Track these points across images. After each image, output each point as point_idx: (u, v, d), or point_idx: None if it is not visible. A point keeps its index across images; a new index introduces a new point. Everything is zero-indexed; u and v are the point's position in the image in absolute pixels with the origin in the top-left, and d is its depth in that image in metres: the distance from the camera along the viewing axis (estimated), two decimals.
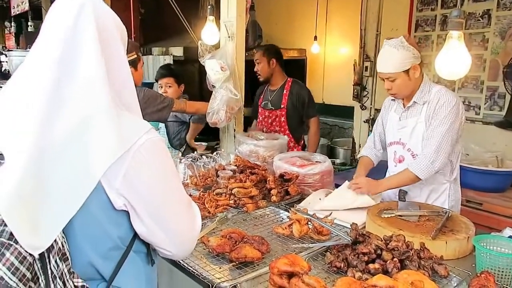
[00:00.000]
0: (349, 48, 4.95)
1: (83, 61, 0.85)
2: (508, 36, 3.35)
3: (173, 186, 0.95)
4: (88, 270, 0.89)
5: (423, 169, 1.95)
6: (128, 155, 0.84)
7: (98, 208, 0.85)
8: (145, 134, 0.87)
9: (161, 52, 4.72)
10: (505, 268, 1.32)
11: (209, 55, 2.80)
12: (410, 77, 1.98)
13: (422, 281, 1.18)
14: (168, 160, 0.95)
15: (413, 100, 2.06)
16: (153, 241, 0.95)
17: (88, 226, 0.85)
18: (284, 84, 3.31)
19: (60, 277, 0.80)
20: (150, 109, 2.69)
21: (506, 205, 2.83)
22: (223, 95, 2.79)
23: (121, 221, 0.89)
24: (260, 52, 3.30)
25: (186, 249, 1.00)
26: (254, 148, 2.74)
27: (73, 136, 0.82)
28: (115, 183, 0.84)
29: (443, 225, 1.68)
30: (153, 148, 0.88)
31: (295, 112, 3.27)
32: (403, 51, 1.93)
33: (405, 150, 2.13)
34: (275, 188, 2.17)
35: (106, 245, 0.89)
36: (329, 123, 5.34)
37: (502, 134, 3.36)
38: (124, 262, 0.92)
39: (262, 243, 1.53)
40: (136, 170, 0.85)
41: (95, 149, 0.82)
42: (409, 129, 2.09)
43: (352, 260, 1.40)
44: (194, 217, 1.02)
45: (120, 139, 0.84)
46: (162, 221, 0.92)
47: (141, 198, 0.87)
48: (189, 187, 2.27)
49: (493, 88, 3.47)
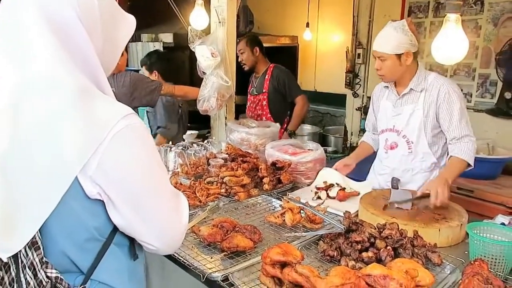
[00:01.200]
0: (342, 35, 4.90)
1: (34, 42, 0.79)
2: (500, 23, 3.33)
3: (153, 175, 0.88)
4: (63, 261, 0.84)
5: (472, 154, 1.95)
6: (103, 142, 0.78)
7: (71, 197, 0.79)
8: (122, 119, 0.80)
9: (151, 38, 4.62)
10: (499, 255, 1.31)
11: (199, 41, 2.74)
12: (401, 62, 1.97)
13: (416, 269, 1.17)
14: (149, 148, 0.87)
15: (410, 87, 2.06)
16: (134, 234, 0.90)
17: (62, 217, 0.80)
18: (266, 70, 3.45)
19: (29, 266, 0.76)
20: (138, 93, 2.65)
21: (497, 192, 2.84)
22: (214, 82, 2.73)
23: (97, 211, 0.84)
24: (243, 42, 3.41)
25: (170, 243, 0.94)
26: (245, 136, 2.70)
27: (42, 132, 0.77)
28: (88, 172, 0.78)
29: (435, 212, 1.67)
30: (131, 136, 0.82)
31: (276, 96, 3.40)
32: (401, 35, 1.93)
33: (399, 137, 2.13)
34: (267, 177, 2.14)
35: (82, 235, 0.83)
36: (321, 111, 5.32)
37: (494, 122, 3.37)
38: (104, 255, 0.87)
39: (254, 232, 1.50)
40: (111, 157, 0.79)
41: (68, 144, 0.76)
42: (405, 116, 2.09)
43: (346, 248, 1.38)
44: (180, 209, 0.95)
45: (94, 128, 0.78)
46: (141, 212, 0.86)
47: (116, 187, 0.81)
48: (179, 176, 2.23)
49: (485, 75, 3.46)
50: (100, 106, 0.81)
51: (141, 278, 1.01)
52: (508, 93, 3.21)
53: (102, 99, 0.83)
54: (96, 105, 0.80)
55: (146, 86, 2.67)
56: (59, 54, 0.79)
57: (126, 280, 0.93)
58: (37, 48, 0.79)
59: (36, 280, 0.78)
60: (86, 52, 0.84)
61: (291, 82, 3.43)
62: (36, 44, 0.79)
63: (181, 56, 4.63)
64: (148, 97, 2.68)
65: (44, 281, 0.79)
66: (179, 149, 2.48)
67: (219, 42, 2.79)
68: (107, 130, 0.78)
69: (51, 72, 0.78)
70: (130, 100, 2.61)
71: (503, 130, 3.31)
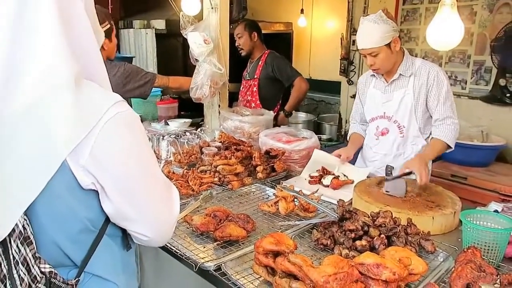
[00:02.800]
0: (336, 21, 4.85)
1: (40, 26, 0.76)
2: (496, 9, 3.30)
3: (146, 163, 0.87)
4: (56, 255, 0.82)
5: (454, 136, 2.03)
6: (94, 130, 0.76)
7: (64, 188, 0.78)
8: (113, 106, 0.79)
9: (143, 25, 4.53)
10: (492, 242, 1.31)
11: (191, 28, 2.69)
12: (392, 50, 2.01)
13: (410, 257, 1.17)
14: (140, 136, 0.86)
15: (399, 73, 2.09)
16: (126, 224, 0.88)
17: (53, 207, 0.78)
18: (261, 56, 3.40)
19: (22, 262, 0.74)
20: (131, 85, 2.60)
21: (490, 179, 2.86)
22: (207, 69, 2.69)
23: (90, 202, 0.82)
24: (242, 26, 3.36)
25: (162, 233, 0.93)
26: (239, 124, 2.68)
27: (31, 115, 0.74)
28: (81, 160, 0.77)
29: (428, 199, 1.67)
30: (123, 123, 0.80)
31: (267, 83, 3.36)
32: (384, 25, 1.95)
33: (391, 122, 2.16)
34: (261, 165, 2.13)
35: (75, 227, 0.82)
36: (316, 98, 5.29)
37: (488, 109, 3.36)
38: (97, 247, 0.86)
39: (247, 221, 1.49)
40: (103, 146, 0.78)
41: (57, 127, 0.74)
42: (395, 101, 2.12)
43: (339, 237, 1.38)
44: (171, 200, 0.94)
45: (85, 114, 0.76)
46: (134, 201, 0.85)
47: (109, 175, 0.80)
48: (172, 165, 2.20)
49: (480, 62, 3.44)
50: (91, 94, 0.80)
51: (133, 269, 1.00)
52: (502, 80, 3.20)
53: (93, 87, 0.82)
54: (87, 92, 0.79)
55: (140, 78, 2.62)
56: (60, 41, 0.77)
57: (119, 272, 0.93)
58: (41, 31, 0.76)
59: (30, 275, 0.76)
60: (87, 44, 0.84)
61: (285, 67, 3.36)
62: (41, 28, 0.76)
63: (174, 43, 4.56)
64: (141, 89, 2.63)
65: (38, 276, 0.78)
66: (172, 138, 2.45)
67: (212, 29, 2.74)
68: (98, 116, 0.77)
69: (47, 57, 0.76)
70: (123, 91, 2.57)
71: (497, 117, 3.31)
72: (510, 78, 3.21)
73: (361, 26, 2.02)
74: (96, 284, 0.88)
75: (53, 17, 0.77)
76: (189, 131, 2.71)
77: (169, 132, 2.79)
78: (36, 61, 0.76)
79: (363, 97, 2.30)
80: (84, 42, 0.83)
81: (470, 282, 1.09)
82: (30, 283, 0.76)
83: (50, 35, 0.77)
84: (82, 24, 0.83)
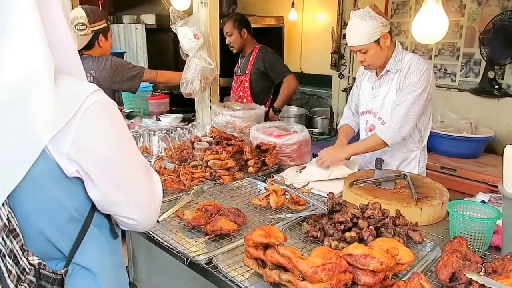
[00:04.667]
0: (327, 15, 4.85)
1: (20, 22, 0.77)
2: (484, 1, 3.32)
3: (128, 147, 0.90)
4: (44, 247, 0.83)
5: (390, 134, 1.97)
6: (75, 118, 0.78)
7: (48, 178, 0.78)
8: (91, 94, 0.80)
9: (132, 20, 4.50)
10: (477, 232, 1.34)
11: (181, 22, 2.68)
12: (381, 47, 1.98)
13: (397, 248, 1.19)
14: (119, 121, 0.88)
15: (386, 69, 2.06)
16: (113, 209, 0.90)
17: (38, 198, 0.79)
18: (252, 51, 3.38)
19: (9, 255, 0.75)
20: (119, 78, 2.59)
21: (479, 170, 2.90)
22: (197, 64, 2.69)
23: (75, 190, 0.84)
24: (230, 23, 3.32)
25: (149, 216, 0.95)
26: (230, 119, 2.68)
27: (11, 104, 0.75)
28: (63, 149, 0.78)
29: (416, 191, 1.69)
30: (102, 109, 0.82)
31: (259, 78, 3.35)
32: (371, 21, 1.91)
33: (376, 119, 2.15)
34: (252, 159, 2.14)
35: (62, 217, 0.83)
36: (307, 92, 5.30)
37: (477, 101, 3.40)
38: (84, 237, 0.87)
39: (238, 215, 1.50)
40: (85, 132, 0.79)
41: (37, 115, 0.75)
42: (380, 98, 2.11)
43: (329, 229, 1.40)
44: (154, 183, 0.97)
45: (64, 102, 0.78)
46: (120, 184, 0.87)
47: (93, 161, 0.82)
48: (163, 160, 2.21)
49: (469, 55, 3.47)
50: (69, 83, 0.82)
51: (120, 259, 1.01)
52: (491, 73, 3.22)
53: (70, 79, 0.84)
54: (65, 82, 0.81)
55: (127, 71, 2.62)
56: (38, 32, 0.78)
57: (107, 262, 0.93)
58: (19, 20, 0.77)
59: (19, 267, 0.77)
60: (65, 42, 0.86)
61: (276, 63, 3.36)
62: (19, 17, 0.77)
63: (164, 38, 4.53)
64: (129, 82, 2.63)
65: (27, 268, 0.78)
66: (163, 133, 2.45)
67: (202, 23, 2.73)
68: (78, 104, 0.78)
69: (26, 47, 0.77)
70: (110, 85, 2.56)
71: (486, 110, 3.35)
72: (498, 70, 3.24)
73: (350, 21, 1.99)
74: (84, 275, 0.89)
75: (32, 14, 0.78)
76: (180, 127, 2.71)
77: (160, 128, 2.79)
78: (14, 54, 0.76)
79: (359, 89, 2.28)
80: (62, 40, 0.85)
81: (455, 270, 1.12)
82: (19, 275, 0.76)
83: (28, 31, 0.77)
84: (59, 23, 0.84)
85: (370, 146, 2.04)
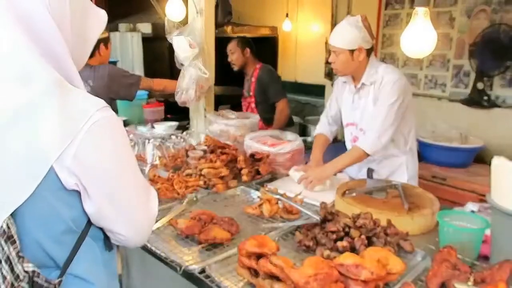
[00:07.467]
0: (321, 25, 4.91)
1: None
2: (474, 15, 3.40)
3: (128, 165, 0.91)
4: (39, 256, 0.84)
5: (370, 144, 2.01)
6: (80, 133, 0.79)
7: (48, 189, 0.80)
8: (98, 111, 0.82)
9: (129, 28, 4.53)
10: (467, 242, 1.36)
11: (176, 32, 2.70)
12: (353, 58, 2.01)
13: (388, 257, 1.21)
14: (123, 139, 0.90)
15: (362, 82, 2.10)
16: (104, 223, 0.91)
17: (38, 208, 0.80)
18: (253, 72, 3.48)
19: (6, 260, 0.76)
20: (116, 86, 2.61)
21: (469, 180, 2.94)
22: (192, 73, 2.71)
23: (73, 202, 0.85)
24: (234, 43, 3.46)
25: (139, 233, 0.96)
26: (225, 128, 2.70)
27: (18, 120, 0.77)
28: (65, 162, 0.79)
29: (407, 201, 1.72)
30: (106, 127, 0.84)
31: (262, 98, 3.44)
32: (355, 31, 1.97)
33: (358, 130, 2.18)
34: (246, 168, 2.15)
35: (59, 228, 0.84)
36: (302, 101, 5.33)
37: (467, 111, 3.45)
38: (80, 248, 0.88)
39: (232, 224, 1.52)
40: (88, 148, 0.81)
41: (44, 133, 0.77)
42: (360, 110, 2.15)
43: (321, 238, 1.41)
44: (149, 201, 0.98)
45: (71, 119, 0.79)
46: (114, 201, 0.88)
47: (92, 177, 0.83)
48: (158, 168, 2.22)
49: (459, 66, 3.53)
50: (75, 98, 0.83)
51: (114, 270, 1.02)
52: (480, 84, 3.29)
53: (76, 92, 0.85)
54: (71, 97, 0.82)
55: (124, 80, 2.64)
56: (31, 49, 0.80)
57: (101, 273, 0.94)
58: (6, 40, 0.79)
59: (13, 274, 0.77)
60: (57, 48, 0.85)
61: (273, 84, 3.43)
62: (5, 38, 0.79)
63: (160, 47, 4.55)
64: (126, 90, 2.65)
65: (21, 275, 0.79)
66: (158, 141, 2.46)
67: (197, 33, 2.76)
68: (84, 120, 0.80)
69: (24, 65, 0.79)
70: (107, 93, 2.57)
71: (475, 120, 3.40)
72: (487, 82, 3.31)
73: (340, 22, 2.05)
74: (77, 286, 0.89)
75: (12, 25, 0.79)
76: (175, 135, 2.73)
77: (155, 136, 2.80)
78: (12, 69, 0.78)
79: (340, 100, 2.31)
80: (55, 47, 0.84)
81: (445, 280, 1.14)
82: (12, 281, 0.77)
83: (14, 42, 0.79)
84: (47, 29, 0.83)
85: (354, 158, 2.07)
